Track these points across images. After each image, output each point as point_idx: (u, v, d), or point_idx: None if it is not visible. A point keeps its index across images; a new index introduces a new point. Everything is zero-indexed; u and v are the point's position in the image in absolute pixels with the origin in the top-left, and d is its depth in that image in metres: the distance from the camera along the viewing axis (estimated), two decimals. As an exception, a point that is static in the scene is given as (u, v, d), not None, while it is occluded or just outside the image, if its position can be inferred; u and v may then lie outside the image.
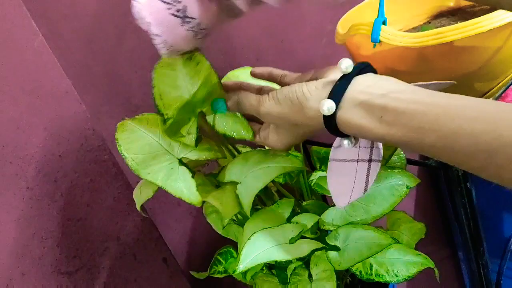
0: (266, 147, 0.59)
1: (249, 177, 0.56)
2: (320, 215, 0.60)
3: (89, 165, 0.72)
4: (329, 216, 0.58)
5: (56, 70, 0.68)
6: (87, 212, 0.72)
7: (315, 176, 0.64)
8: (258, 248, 0.52)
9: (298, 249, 0.53)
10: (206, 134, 0.63)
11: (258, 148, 0.62)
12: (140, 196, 0.61)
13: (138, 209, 0.62)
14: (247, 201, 0.56)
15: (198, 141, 0.59)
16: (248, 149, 0.71)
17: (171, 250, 0.83)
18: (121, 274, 0.76)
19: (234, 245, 0.70)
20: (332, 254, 0.55)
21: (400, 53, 0.65)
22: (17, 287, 0.67)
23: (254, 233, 0.54)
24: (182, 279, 0.84)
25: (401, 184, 0.55)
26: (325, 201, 0.71)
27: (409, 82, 0.68)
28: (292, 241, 0.54)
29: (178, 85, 0.57)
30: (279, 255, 0.51)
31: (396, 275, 0.55)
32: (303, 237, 0.55)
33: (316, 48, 1.06)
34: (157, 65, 0.56)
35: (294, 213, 0.61)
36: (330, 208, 0.60)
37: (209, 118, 0.61)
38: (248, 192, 0.56)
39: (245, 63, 0.91)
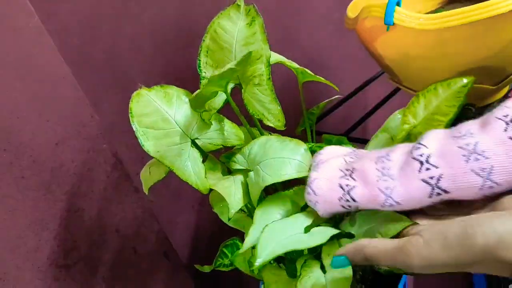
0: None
1: (262, 166, 0.53)
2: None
3: (87, 153, 0.68)
4: None
5: (52, 53, 0.64)
6: (85, 203, 0.69)
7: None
8: (273, 240, 0.49)
9: (314, 237, 0.50)
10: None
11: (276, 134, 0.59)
12: (149, 177, 0.58)
13: (146, 191, 0.59)
14: (255, 194, 0.53)
15: (219, 122, 0.56)
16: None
17: (172, 243, 0.80)
18: (121, 268, 0.73)
19: (240, 237, 0.67)
20: (346, 242, 0.52)
21: (415, 36, 0.62)
22: (11, 281, 0.64)
23: (267, 225, 0.51)
24: (183, 274, 0.81)
25: None
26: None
27: (424, 67, 0.65)
28: (307, 230, 0.51)
29: (227, 47, 0.56)
30: (296, 245, 0.48)
31: None
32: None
33: (321, 36, 1.02)
34: (220, 14, 0.56)
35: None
36: None
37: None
38: (257, 184, 0.53)
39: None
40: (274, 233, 0.51)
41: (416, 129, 0.58)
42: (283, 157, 0.52)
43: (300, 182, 0.63)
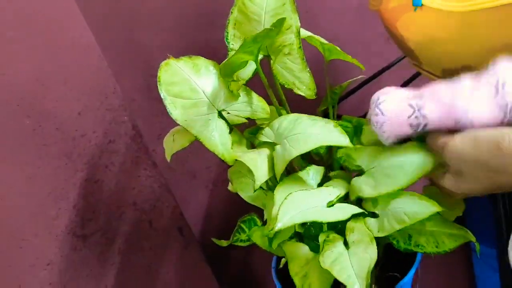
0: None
1: (290, 140, 0.53)
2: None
3: (108, 125, 0.68)
4: (357, 183, 0.55)
5: (78, 21, 0.64)
6: (104, 174, 0.69)
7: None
8: (296, 208, 0.49)
9: (336, 212, 0.50)
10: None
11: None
12: (173, 144, 0.58)
13: (168, 158, 0.59)
14: (280, 166, 0.53)
15: (247, 94, 0.56)
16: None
17: (186, 220, 0.80)
18: (136, 241, 0.73)
19: (258, 213, 0.67)
20: (371, 221, 0.53)
21: (442, 18, 0.62)
22: (29, 248, 0.64)
23: (291, 193, 0.51)
24: (196, 250, 0.81)
25: (426, 161, 0.51)
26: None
27: (449, 51, 0.65)
28: (329, 204, 0.51)
29: (256, 19, 0.56)
30: (318, 216, 0.49)
31: (437, 247, 0.52)
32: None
33: (341, 23, 1.02)
34: None
35: (323, 182, 0.59)
36: (355, 178, 0.57)
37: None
38: (283, 157, 0.53)
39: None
40: (297, 202, 0.51)
41: None
42: (311, 133, 0.52)
43: (319, 163, 0.64)
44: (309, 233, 0.59)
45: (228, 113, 0.57)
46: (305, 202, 0.50)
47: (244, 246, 0.67)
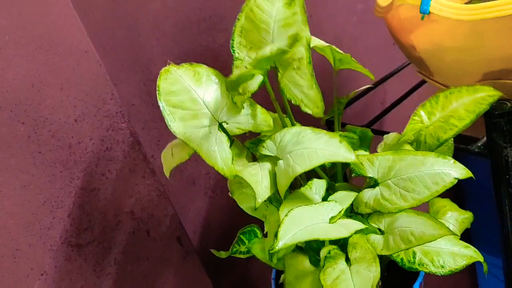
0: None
1: (293, 155, 0.51)
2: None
3: (105, 131, 0.67)
4: (365, 197, 0.54)
5: (76, 26, 0.63)
6: (101, 183, 0.67)
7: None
8: (297, 226, 0.47)
9: (339, 229, 0.48)
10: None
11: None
12: (172, 159, 0.56)
13: (167, 174, 0.57)
14: (284, 183, 0.51)
15: (251, 106, 0.54)
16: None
17: (185, 229, 0.78)
18: (133, 250, 0.72)
19: (258, 225, 0.66)
20: (375, 238, 0.51)
21: (451, 27, 0.60)
22: (23, 258, 0.62)
23: (292, 209, 0.49)
24: (195, 260, 0.79)
25: (448, 174, 0.50)
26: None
27: (458, 60, 0.63)
28: (332, 220, 0.49)
29: (264, 28, 0.53)
30: (320, 234, 0.47)
31: (442, 266, 0.50)
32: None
33: (345, 27, 1.00)
34: None
35: (327, 195, 0.57)
36: (365, 189, 0.55)
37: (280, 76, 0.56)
38: (287, 173, 0.51)
39: (272, 36, 0.85)
40: (299, 218, 0.49)
41: (428, 130, 0.56)
42: (316, 148, 0.50)
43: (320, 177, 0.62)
44: (310, 246, 0.57)
45: (228, 124, 0.55)
46: (307, 218, 0.49)
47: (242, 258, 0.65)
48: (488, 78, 0.63)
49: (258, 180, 0.51)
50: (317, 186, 0.56)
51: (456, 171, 0.50)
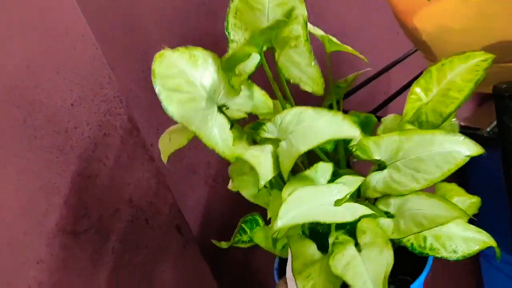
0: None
1: (295, 135, 0.49)
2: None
3: (103, 116, 0.65)
4: (373, 181, 0.52)
5: (72, 8, 0.61)
6: (98, 169, 0.66)
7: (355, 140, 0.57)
8: (299, 206, 0.45)
9: (344, 213, 0.46)
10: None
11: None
12: (169, 144, 0.54)
13: (164, 160, 0.55)
14: (287, 163, 0.50)
15: (249, 88, 0.52)
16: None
17: (185, 217, 0.77)
18: (132, 239, 0.70)
19: (260, 213, 0.64)
20: (384, 221, 0.49)
21: (457, 8, 0.58)
22: (18, 246, 0.61)
23: (295, 189, 0.47)
24: (195, 249, 0.78)
25: (459, 151, 0.48)
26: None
27: (464, 42, 0.62)
28: (338, 203, 0.47)
29: (259, 8, 0.52)
30: (323, 217, 0.45)
31: (455, 251, 0.49)
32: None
33: (347, 16, 0.99)
34: None
35: (333, 179, 0.55)
36: (373, 173, 0.54)
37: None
38: (290, 153, 0.49)
39: (274, 22, 0.84)
40: (302, 199, 0.47)
41: (427, 107, 0.54)
42: (318, 126, 0.48)
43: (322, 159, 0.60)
44: (316, 232, 0.55)
45: (228, 108, 0.54)
46: (311, 199, 0.47)
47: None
48: (495, 62, 0.61)
49: (260, 161, 0.49)
50: (323, 170, 0.54)
51: (467, 148, 0.48)
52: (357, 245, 0.49)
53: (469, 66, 0.52)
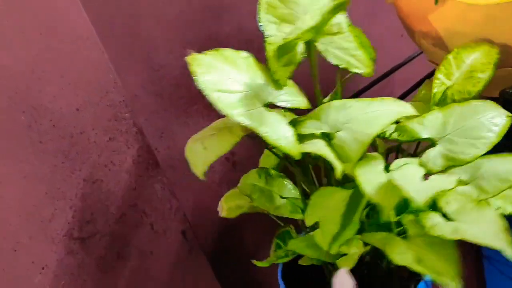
0: None
1: (356, 122, 0.49)
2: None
3: (108, 121, 0.65)
4: (430, 157, 0.52)
5: (77, 10, 0.61)
6: (104, 174, 0.65)
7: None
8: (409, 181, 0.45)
9: (433, 186, 0.46)
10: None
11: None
12: (205, 153, 0.50)
13: (201, 175, 0.50)
14: (356, 150, 0.48)
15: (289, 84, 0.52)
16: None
17: (190, 223, 0.76)
18: (137, 244, 0.70)
19: (293, 224, 0.63)
20: (463, 189, 0.50)
21: (464, 12, 0.58)
22: (23, 252, 0.61)
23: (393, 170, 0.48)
24: (200, 254, 0.77)
25: (501, 114, 0.51)
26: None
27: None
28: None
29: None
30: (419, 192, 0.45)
31: None
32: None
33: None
34: None
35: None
36: (425, 152, 0.54)
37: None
38: (357, 140, 0.48)
39: (278, 26, 0.83)
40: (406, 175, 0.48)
41: (453, 88, 0.58)
42: (374, 111, 0.49)
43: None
44: (375, 222, 0.55)
45: (273, 103, 0.52)
46: (409, 176, 0.47)
47: (249, 249, 0.63)
48: (503, 66, 0.61)
49: (326, 152, 0.47)
50: (376, 159, 0.54)
51: (503, 111, 0.52)
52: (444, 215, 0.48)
53: (483, 52, 0.58)
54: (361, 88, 0.91)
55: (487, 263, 1.30)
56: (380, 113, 0.49)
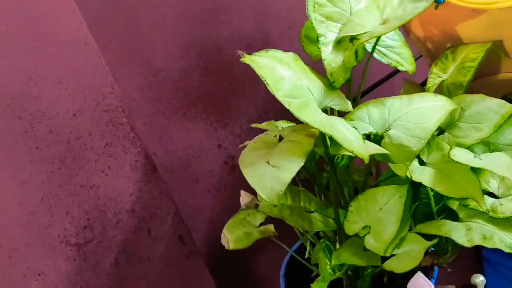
0: None
1: (406, 119, 0.49)
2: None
3: (105, 127, 0.64)
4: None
5: (74, 16, 0.60)
6: (101, 180, 0.65)
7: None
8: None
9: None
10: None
11: None
12: (278, 173, 0.44)
13: (276, 201, 0.44)
14: (414, 145, 0.48)
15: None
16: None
17: (188, 228, 0.76)
18: (134, 250, 0.69)
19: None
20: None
21: (466, 17, 0.57)
22: (20, 258, 0.60)
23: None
24: (198, 259, 0.77)
25: (504, 104, 0.53)
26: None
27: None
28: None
29: None
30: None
31: None
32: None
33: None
34: None
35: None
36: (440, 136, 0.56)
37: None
38: (414, 135, 0.48)
39: (277, 29, 0.83)
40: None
41: (447, 81, 0.60)
42: (420, 107, 0.50)
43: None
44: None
45: (331, 107, 0.52)
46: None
47: (247, 254, 0.62)
48: (505, 71, 0.61)
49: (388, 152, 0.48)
50: None
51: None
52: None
53: (477, 44, 0.59)
54: (367, 88, 0.90)
55: (487, 266, 1.30)
56: (428, 108, 0.50)
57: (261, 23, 0.82)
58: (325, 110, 0.50)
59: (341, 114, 0.54)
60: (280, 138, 0.52)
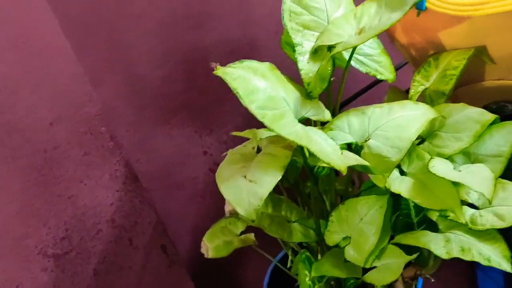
0: None
1: (386, 129, 0.48)
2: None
3: (84, 135, 0.63)
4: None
5: (50, 24, 0.59)
6: (79, 189, 0.64)
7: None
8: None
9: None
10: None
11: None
12: (254, 188, 0.44)
13: (254, 216, 0.43)
14: (394, 156, 0.47)
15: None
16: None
17: (170, 237, 0.75)
18: (115, 260, 0.68)
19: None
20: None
21: (448, 24, 0.57)
22: (-5, 270, 0.59)
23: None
24: (181, 268, 0.76)
25: (485, 113, 0.53)
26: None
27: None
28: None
29: (317, 6, 0.52)
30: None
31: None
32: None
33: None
34: None
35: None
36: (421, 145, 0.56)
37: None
38: (393, 144, 0.47)
39: (264, 35, 0.82)
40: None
41: (430, 89, 0.60)
42: (401, 115, 0.49)
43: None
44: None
45: (307, 117, 0.50)
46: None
47: (231, 263, 0.61)
48: (491, 78, 0.60)
49: (367, 163, 0.47)
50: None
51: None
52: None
53: (460, 51, 0.58)
54: (353, 94, 0.90)
55: (480, 273, 1.29)
56: (408, 117, 0.49)
57: (246, 28, 0.81)
58: (306, 121, 0.49)
59: (325, 124, 0.53)
60: (259, 150, 0.51)
